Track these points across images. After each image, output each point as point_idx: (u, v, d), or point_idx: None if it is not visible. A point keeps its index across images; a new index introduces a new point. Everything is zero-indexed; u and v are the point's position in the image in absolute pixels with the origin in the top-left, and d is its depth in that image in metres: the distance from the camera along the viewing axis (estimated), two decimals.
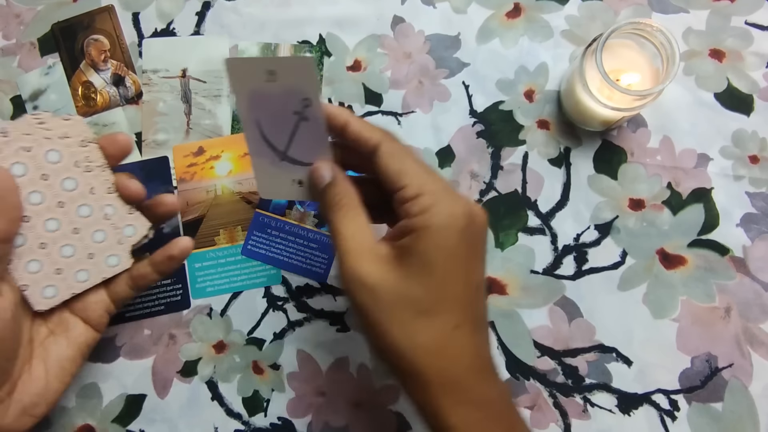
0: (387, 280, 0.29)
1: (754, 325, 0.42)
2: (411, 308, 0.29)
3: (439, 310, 0.29)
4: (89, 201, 0.36)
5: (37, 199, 0.34)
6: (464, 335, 0.29)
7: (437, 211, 0.30)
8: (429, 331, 0.29)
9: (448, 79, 0.47)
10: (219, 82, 0.49)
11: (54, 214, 0.35)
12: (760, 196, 0.44)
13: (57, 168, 0.35)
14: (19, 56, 0.50)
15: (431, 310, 0.29)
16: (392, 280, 0.29)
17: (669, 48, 0.38)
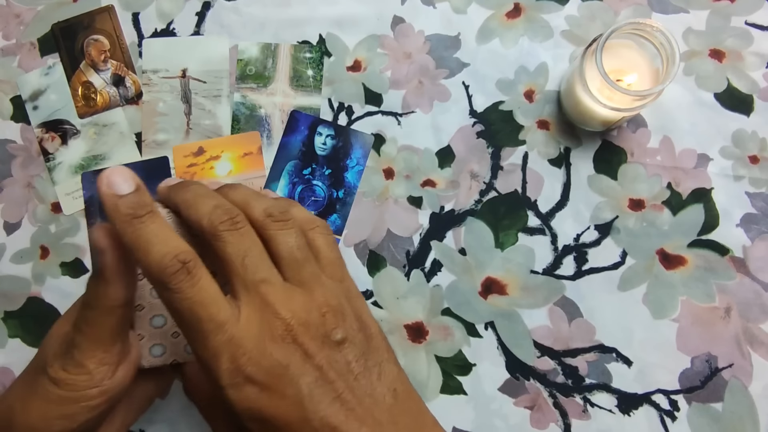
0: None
1: (754, 325, 0.42)
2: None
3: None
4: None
5: None
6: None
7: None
8: None
9: (448, 79, 0.47)
10: (219, 82, 0.49)
11: None
12: (760, 196, 0.44)
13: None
14: (19, 56, 0.50)
15: None
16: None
17: (669, 48, 0.38)
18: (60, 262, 0.47)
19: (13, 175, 0.49)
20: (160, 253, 0.24)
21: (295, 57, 0.49)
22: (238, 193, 0.29)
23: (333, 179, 0.46)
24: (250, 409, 0.24)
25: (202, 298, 0.24)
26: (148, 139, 0.48)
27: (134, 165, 0.48)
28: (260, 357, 0.24)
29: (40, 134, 0.49)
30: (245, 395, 0.24)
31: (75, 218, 0.48)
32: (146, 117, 0.49)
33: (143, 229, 0.25)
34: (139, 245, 0.25)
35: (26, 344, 0.46)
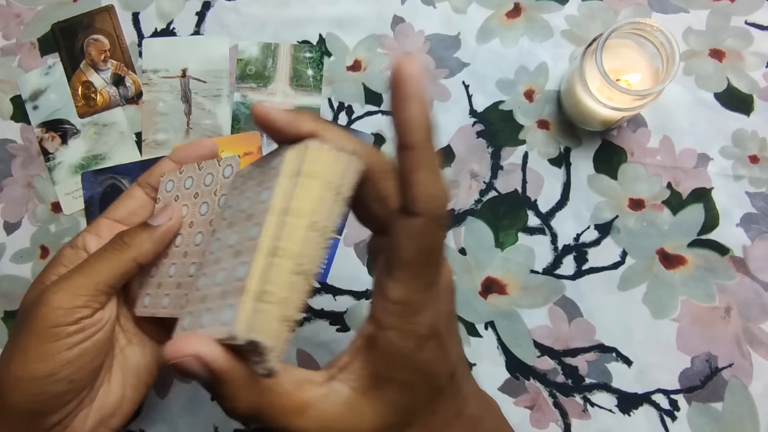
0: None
1: (754, 325, 0.42)
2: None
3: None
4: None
5: (205, 209, 0.32)
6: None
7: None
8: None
9: (448, 79, 0.47)
10: (219, 82, 0.49)
11: (203, 229, 0.31)
12: (760, 196, 0.44)
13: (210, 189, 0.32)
14: (19, 56, 0.50)
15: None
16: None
17: (669, 48, 0.38)
18: None
19: (13, 175, 0.49)
20: (445, 185, 0.23)
21: (295, 57, 0.49)
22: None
23: None
24: (427, 363, 0.25)
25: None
26: (148, 139, 0.48)
27: (134, 165, 0.48)
28: (447, 319, 0.28)
29: (40, 134, 0.49)
30: (429, 349, 0.25)
31: (75, 218, 0.48)
32: (146, 117, 0.49)
33: (435, 154, 0.22)
34: (434, 167, 0.22)
35: None
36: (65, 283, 0.30)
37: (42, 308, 0.29)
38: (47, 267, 0.34)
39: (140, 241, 0.31)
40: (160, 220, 0.32)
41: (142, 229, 0.32)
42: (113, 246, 0.32)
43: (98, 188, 0.48)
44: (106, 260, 0.31)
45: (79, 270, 0.31)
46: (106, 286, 0.31)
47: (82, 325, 0.30)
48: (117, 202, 0.36)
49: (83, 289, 0.30)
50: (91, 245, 0.34)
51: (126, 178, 0.48)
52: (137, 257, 0.31)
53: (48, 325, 0.29)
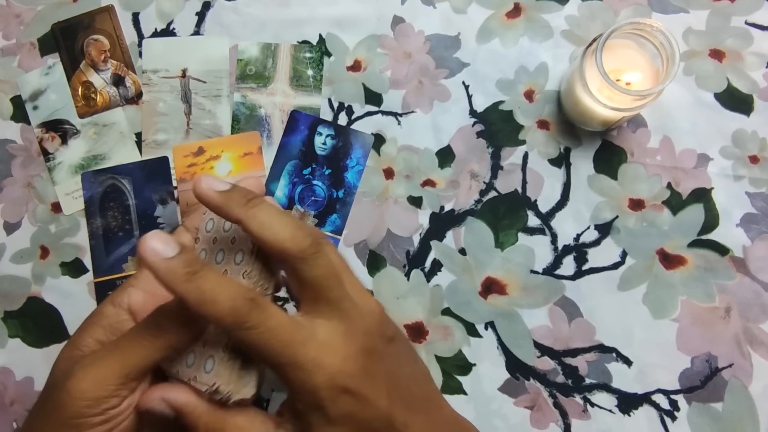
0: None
1: (754, 325, 0.42)
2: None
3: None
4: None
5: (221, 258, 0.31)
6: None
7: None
8: None
9: (448, 79, 0.47)
10: (219, 82, 0.49)
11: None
12: (760, 196, 0.44)
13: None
14: (19, 56, 0.50)
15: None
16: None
17: (669, 48, 0.38)
18: (60, 262, 0.47)
19: (13, 175, 0.49)
20: (230, 299, 0.25)
21: (295, 57, 0.49)
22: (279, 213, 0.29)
23: (333, 179, 0.46)
24: (345, 416, 0.26)
25: (281, 325, 0.26)
26: (148, 139, 0.48)
27: (134, 165, 0.48)
28: (351, 366, 0.27)
29: (40, 134, 0.49)
30: (342, 404, 0.26)
31: (75, 218, 0.48)
32: (146, 117, 0.49)
33: (205, 282, 0.25)
34: (205, 298, 0.25)
35: (26, 344, 0.46)
36: (93, 369, 0.27)
37: (66, 396, 0.26)
38: (84, 325, 0.30)
39: (178, 326, 0.28)
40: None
41: (181, 311, 0.28)
42: (150, 329, 0.28)
43: (98, 188, 0.48)
44: (141, 346, 0.27)
45: (109, 353, 0.28)
46: (137, 374, 0.27)
47: (107, 416, 0.27)
48: None
49: (112, 378, 0.27)
50: (137, 302, 0.31)
51: (126, 178, 0.48)
52: (175, 344, 0.28)
53: (70, 415, 0.26)
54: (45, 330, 0.46)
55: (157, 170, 0.48)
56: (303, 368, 0.26)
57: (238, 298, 0.25)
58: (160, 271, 0.25)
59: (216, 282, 0.25)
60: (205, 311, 0.25)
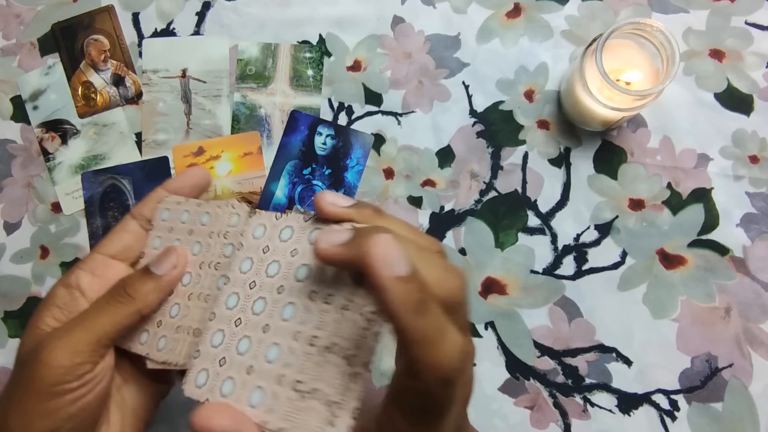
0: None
1: (754, 325, 0.42)
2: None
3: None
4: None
5: (197, 249, 0.31)
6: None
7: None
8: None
9: (448, 79, 0.47)
10: (219, 82, 0.49)
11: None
12: (760, 196, 0.44)
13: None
14: (19, 56, 0.50)
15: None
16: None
17: (669, 48, 0.38)
18: (60, 262, 0.47)
19: (13, 175, 0.49)
20: (455, 347, 0.21)
21: (295, 57, 0.49)
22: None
23: (333, 179, 0.46)
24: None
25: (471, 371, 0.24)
26: (148, 139, 0.48)
27: (134, 165, 0.48)
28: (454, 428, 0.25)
29: (40, 134, 0.49)
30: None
31: (75, 218, 0.48)
32: (146, 117, 0.49)
33: (431, 320, 0.21)
34: (428, 338, 0.20)
35: None
36: (65, 338, 0.29)
37: (41, 367, 0.28)
38: (40, 308, 0.32)
39: (144, 293, 0.30)
40: (164, 268, 0.30)
41: (146, 278, 0.30)
42: (116, 297, 0.30)
43: (98, 188, 0.48)
44: (109, 313, 0.29)
45: (79, 323, 0.29)
46: (108, 340, 0.29)
47: (83, 381, 0.28)
48: (110, 236, 0.34)
49: (84, 344, 0.28)
50: (85, 283, 0.32)
51: (126, 178, 0.48)
52: (141, 309, 0.30)
53: (48, 383, 0.28)
54: None
55: (157, 170, 0.48)
56: (441, 418, 0.23)
57: (459, 345, 0.22)
58: (393, 291, 0.20)
59: (440, 321, 0.21)
60: (417, 350, 0.21)
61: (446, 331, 0.21)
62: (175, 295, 0.31)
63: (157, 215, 0.33)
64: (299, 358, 0.24)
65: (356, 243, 0.22)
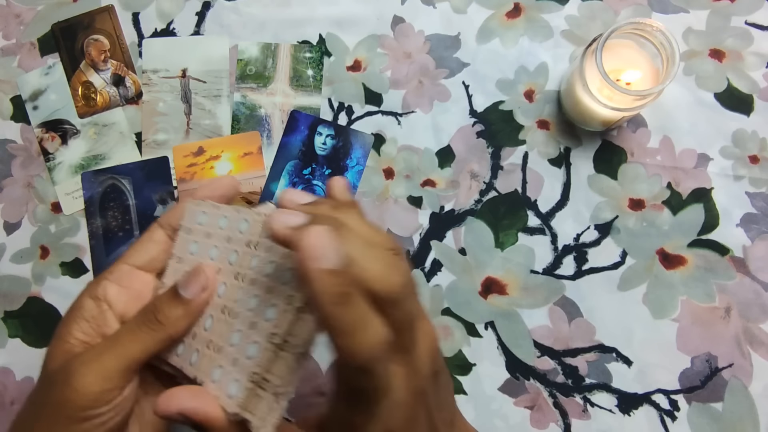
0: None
1: (754, 325, 0.42)
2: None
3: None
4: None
5: (234, 258, 0.30)
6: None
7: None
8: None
9: (448, 79, 0.47)
10: (219, 82, 0.49)
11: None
12: (760, 196, 0.44)
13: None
14: (19, 56, 0.50)
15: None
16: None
17: (669, 48, 0.38)
18: (60, 262, 0.47)
19: (13, 175, 0.49)
20: (374, 339, 0.22)
21: (295, 57, 0.49)
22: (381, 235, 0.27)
23: None
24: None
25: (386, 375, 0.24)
26: (148, 139, 0.48)
27: (134, 165, 0.48)
28: (403, 419, 0.25)
29: (40, 134, 0.49)
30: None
31: (75, 218, 0.48)
32: (146, 117, 0.49)
33: (352, 312, 0.22)
34: (346, 329, 0.22)
35: (26, 344, 0.46)
36: (96, 364, 0.28)
37: (71, 392, 0.27)
38: (68, 320, 0.31)
39: (174, 319, 0.29)
40: (193, 291, 0.29)
41: (176, 304, 0.29)
42: (146, 324, 0.29)
43: (98, 188, 0.48)
44: (140, 340, 0.29)
45: (110, 348, 0.29)
46: (137, 365, 0.29)
47: (112, 405, 0.28)
48: (137, 246, 0.33)
49: (114, 371, 0.28)
50: (113, 295, 0.31)
51: (126, 178, 0.48)
52: (172, 335, 0.29)
53: (78, 408, 0.27)
54: (45, 330, 0.46)
55: (157, 170, 0.48)
56: (372, 420, 0.24)
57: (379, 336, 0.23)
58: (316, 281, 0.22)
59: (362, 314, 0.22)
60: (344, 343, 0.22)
61: (368, 323, 0.22)
62: (211, 307, 0.30)
63: (190, 217, 0.32)
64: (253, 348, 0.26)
65: (298, 230, 0.23)
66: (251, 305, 0.27)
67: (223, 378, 0.27)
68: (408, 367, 0.24)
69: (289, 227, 0.24)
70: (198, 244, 0.31)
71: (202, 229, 0.31)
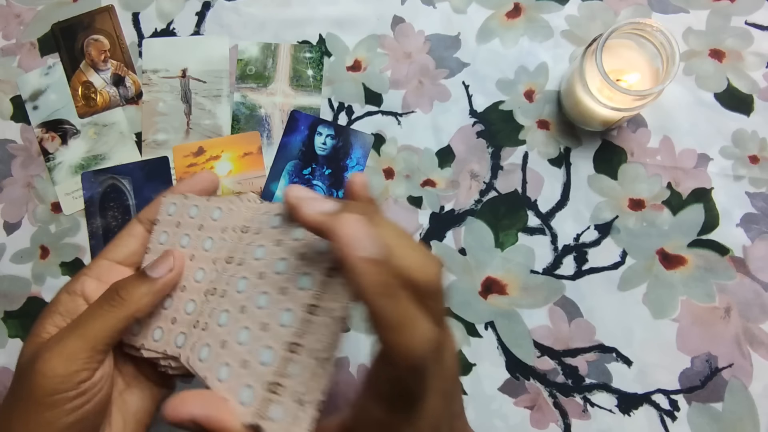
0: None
1: (754, 325, 0.42)
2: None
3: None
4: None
5: (209, 245, 0.30)
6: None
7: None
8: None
9: (448, 79, 0.47)
10: (219, 82, 0.49)
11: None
12: (760, 196, 0.44)
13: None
14: (19, 56, 0.50)
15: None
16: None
17: (669, 48, 0.38)
18: (60, 262, 0.47)
19: (13, 175, 0.49)
20: (425, 335, 0.21)
21: (295, 57, 0.49)
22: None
23: (333, 179, 0.46)
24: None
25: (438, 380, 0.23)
26: (148, 139, 0.48)
27: (134, 165, 0.48)
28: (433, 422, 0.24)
29: (40, 134, 0.49)
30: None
31: (75, 218, 0.48)
32: (146, 117, 0.49)
33: (400, 305, 0.21)
34: (399, 324, 0.21)
35: None
36: (59, 346, 0.28)
37: (38, 377, 0.27)
38: (43, 315, 0.31)
39: (138, 296, 0.29)
40: (160, 270, 0.29)
41: (140, 282, 0.29)
42: (108, 301, 0.29)
43: (98, 188, 0.48)
44: (101, 318, 0.29)
45: (72, 330, 0.29)
46: (103, 345, 0.29)
47: (82, 389, 0.28)
48: (116, 241, 0.33)
49: (79, 352, 0.28)
50: (90, 290, 0.31)
51: (126, 178, 0.48)
52: (135, 313, 0.29)
53: (47, 393, 0.27)
54: None
55: (157, 170, 0.48)
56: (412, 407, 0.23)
57: (429, 332, 0.22)
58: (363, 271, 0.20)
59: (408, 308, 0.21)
60: (386, 335, 0.21)
61: (417, 318, 0.21)
62: (190, 292, 0.30)
63: (162, 210, 0.33)
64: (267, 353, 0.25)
65: (334, 217, 0.22)
66: (261, 303, 0.26)
67: (232, 380, 0.26)
68: (439, 365, 0.23)
69: (322, 213, 0.23)
70: (167, 234, 0.32)
71: (172, 220, 0.32)
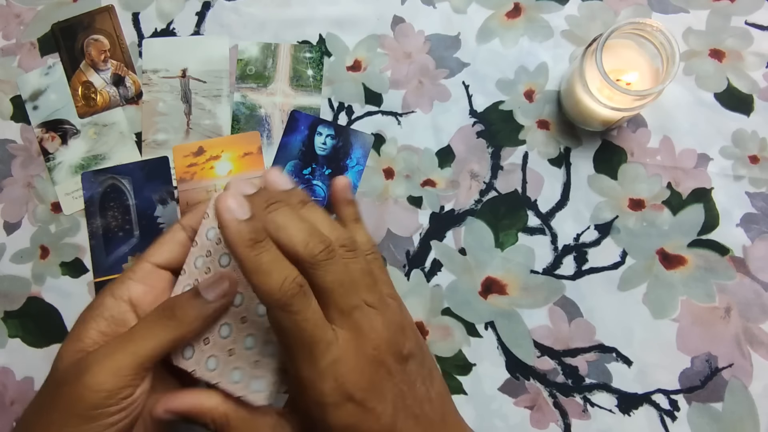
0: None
1: (754, 325, 0.42)
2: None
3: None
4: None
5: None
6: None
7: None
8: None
9: (448, 79, 0.47)
10: (219, 82, 0.49)
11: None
12: (760, 196, 0.44)
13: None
14: (19, 56, 0.50)
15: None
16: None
17: (669, 48, 0.38)
18: (60, 262, 0.47)
19: (13, 175, 0.49)
20: (282, 277, 0.25)
21: (295, 57, 0.49)
22: (312, 213, 0.29)
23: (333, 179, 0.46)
24: (348, 426, 0.27)
25: (316, 320, 0.26)
26: (148, 139, 0.48)
27: (134, 165, 0.48)
28: (358, 376, 0.27)
29: (40, 134, 0.49)
30: (345, 412, 0.26)
31: (75, 218, 0.48)
32: (146, 117, 0.49)
33: (265, 254, 0.26)
34: (261, 268, 0.25)
35: (26, 344, 0.46)
36: (110, 361, 0.28)
37: (83, 390, 0.27)
38: (85, 318, 0.30)
39: (191, 318, 0.29)
40: (215, 294, 0.29)
41: (194, 302, 0.29)
42: (162, 319, 0.29)
43: (98, 188, 0.48)
44: (156, 336, 0.29)
45: (124, 345, 0.28)
46: (150, 363, 0.29)
47: (123, 405, 0.28)
48: (160, 244, 0.33)
49: (128, 369, 0.28)
50: (137, 295, 0.31)
51: (126, 178, 0.48)
52: (186, 334, 0.29)
53: (90, 407, 0.27)
54: (45, 330, 0.46)
55: (157, 170, 0.48)
56: (317, 369, 0.26)
57: (289, 278, 0.26)
58: (230, 229, 0.25)
59: (274, 257, 0.26)
60: (257, 281, 0.25)
61: (280, 264, 0.26)
62: (227, 316, 0.30)
63: (201, 233, 0.32)
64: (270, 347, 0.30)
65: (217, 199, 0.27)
66: (261, 311, 0.30)
67: (245, 379, 0.29)
68: (354, 333, 0.27)
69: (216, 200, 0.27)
70: (204, 258, 0.31)
71: (209, 244, 0.31)
